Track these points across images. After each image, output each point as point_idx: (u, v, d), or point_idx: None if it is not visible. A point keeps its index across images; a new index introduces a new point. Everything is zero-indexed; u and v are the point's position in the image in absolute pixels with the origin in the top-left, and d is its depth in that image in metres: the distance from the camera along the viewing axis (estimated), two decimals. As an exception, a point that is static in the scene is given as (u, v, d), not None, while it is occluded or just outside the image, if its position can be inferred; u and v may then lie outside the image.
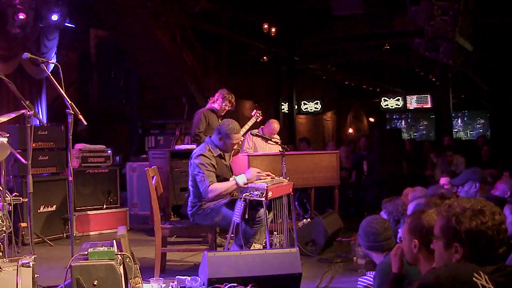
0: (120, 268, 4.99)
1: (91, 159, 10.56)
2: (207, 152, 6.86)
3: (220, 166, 6.96)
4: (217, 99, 9.33)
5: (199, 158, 6.76)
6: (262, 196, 6.21)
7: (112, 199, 10.66)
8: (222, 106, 9.30)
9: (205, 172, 6.65)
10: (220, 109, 9.33)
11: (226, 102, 9.27)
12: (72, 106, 6.08)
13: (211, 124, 9.09)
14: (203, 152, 6.85)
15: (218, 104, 9.32)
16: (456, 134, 28.46)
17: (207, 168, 6.69)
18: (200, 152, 6.85)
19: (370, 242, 4.87)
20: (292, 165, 8.92)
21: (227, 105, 9.31)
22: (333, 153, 10.33)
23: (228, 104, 9.32)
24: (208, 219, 6.83)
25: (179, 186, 10.50)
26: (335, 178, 10.01)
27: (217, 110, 9.35)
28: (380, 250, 4.85)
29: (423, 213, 3.60)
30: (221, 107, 9.31)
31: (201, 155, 6.80)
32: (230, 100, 9.31)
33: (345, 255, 8.02)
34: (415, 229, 3.56)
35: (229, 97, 9.30)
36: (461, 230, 2.82)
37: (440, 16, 10.96)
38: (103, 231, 10.31)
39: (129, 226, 10.54)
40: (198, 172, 6.70)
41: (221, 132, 6.97)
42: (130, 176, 11.93)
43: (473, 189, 6.54)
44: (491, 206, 2.90)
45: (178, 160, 10.39)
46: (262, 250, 5.86)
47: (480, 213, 2.83)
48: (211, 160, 6.78)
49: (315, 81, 27.90)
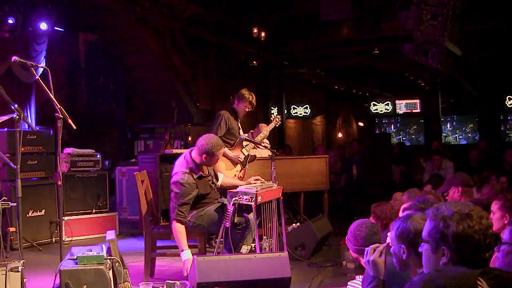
0: (109, 272, 5.00)
1: (80, 163, 10.55)
2: (187, 175, 6.75)
3: (202, 186, 6.89)
4: (237, 100, 8.87)
5: (178, 175, 6.74)
6: (251, 201, 6.22)
7: (101, 204, 10.65)
8: (242, 108, 8.84)
9: (177, 204, 6.64)
10: (240, 110, 8.89)
11: (247, 104, 8.79)
12: (61, 110, 6.08)
13: (230, 129, 8.73)
14: (184, 172, 6.77)
15: (237, 105, 8.85)
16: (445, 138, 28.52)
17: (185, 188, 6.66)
18: (180, 170, 6.80)
19: (359, 246, 4.88)
20: (281, 169, 8.94)
21: (247, 107, 8.84)
22: (322, 158, 10.36)
23: (248, 106, 8.84)
24: (197, 223, 6.82)
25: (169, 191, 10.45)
26: (325, 182, 10.05)
27: (237, 110, 8.90)
28: (369, 254, 4.87)
29: (410, 218, 3.61)
30: (241, 109, 8.86)
31: (181, 172, 6.76)
32: (250, 100, 8.80)
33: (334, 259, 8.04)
34: (402, 235, 3.57)
35: (249, 97, 8.78)
36: (449, 234, 2.83)
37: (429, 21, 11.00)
38: (92, 235, 10.29)
39: (118, 231, 10.51)
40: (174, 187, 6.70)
41: (203, 151, 6.83)
42: (120, 180, 11.92)
43: (456, 193, 6.58)
44: (479, 210, 2.91)
45: (168, 165, 10.40)
46: (251, 255, 5.87)
47: (467, 217, 2.84)
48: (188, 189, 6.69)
49: (305, 86, 27.91)
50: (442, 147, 16.07)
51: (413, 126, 30.92)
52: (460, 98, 27.23)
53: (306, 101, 27.50)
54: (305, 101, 27.47)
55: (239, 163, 8.65)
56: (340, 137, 31.52)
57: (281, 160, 9.58)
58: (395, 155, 15.49)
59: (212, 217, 6.78)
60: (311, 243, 8.37)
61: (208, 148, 6.80)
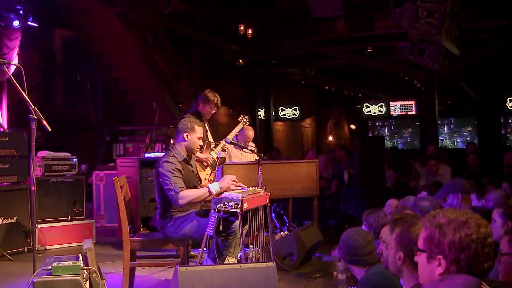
0: (86, 283, 4.98)
1: (55, 167, 10.52)
2: (171, 158, 6.85)
3: (187, 172, 6.96)
4: (200, 101, 9.04)
5: (164, 165, 6.74)
6: (237, 207, 6.20)
7: (77, 210, 10.62)
8: (207, 110, 9.01)
9: (172, 178, 6.63)
10: (205, 112, 9.04)
11: (212, 106, 8.98)
12: (35, 110, 6.07)
13: None
14: (167, 158, 6.84)
15: (202, 108, 9.02)
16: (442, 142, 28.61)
17: (174, 174, 6.67)
18: (164, 159, 6.83)
19: (351, 256, 4.89)
20: (268, 174, 8.94)
21: (213, 109, 9.03)
22: (312, 162, 10.34)
23: (214, 108, 9.04)
24: (179, 231, 6.81)
25: (149, 197, 10.50)
26: (314, 188, 10.04)
27: (202, 113, 9.05)
28: (362, 265, 4.89)
29: (413, 225, 3.63)
30: (206, 111, 9.03)
31: (165, 161, 6.77)
32: (216, 102, 9.00)
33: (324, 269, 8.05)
34: (402, 242, 3.59)
35: (214, 99, 8.97)
36: (444, 242, 2.83)
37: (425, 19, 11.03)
38: (68, 244, 10.27)
39: (95, 239, 10.49)
40: (165, 179, 6.67)
41: (183, 129, 7.01)
42: (97, 185, 11.89)
43: (455, 201, 6.60)
44: (477, 218, 2.91)
45: (148, 169, 10.39)
46: (236, 265, 5.87)
47: (464, 225, 2.84)
48: (176, 165, 6.76)
49: (293, 86, 27.96)
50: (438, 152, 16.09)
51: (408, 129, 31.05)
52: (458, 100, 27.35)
53: (295, 102, 27.55)
54: (294, 102, 27.53)
55: (209, 165, 8.70)
56: (331, 140, 31.60)
57: (268, 164, 9.57)
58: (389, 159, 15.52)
59: (195, 223, 6.77)
60: (300, 253, 8.37)
61: (187, 123, 7.03)
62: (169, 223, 6.83)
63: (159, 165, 6.83)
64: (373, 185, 12.84)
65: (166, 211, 6.86)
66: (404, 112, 26.52)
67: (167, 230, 6.82)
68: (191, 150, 7.11)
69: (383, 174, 13.66)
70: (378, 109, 27.13)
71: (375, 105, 27.16)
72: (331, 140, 31.72)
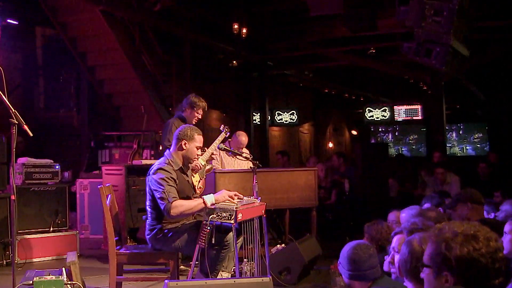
0: (69, 299, 4.98)
1: (36, 175, 10.50)
2: (166, 166, 6.85)
3: (182, 181, 6.96)
4: (186, 107, 9.14)
5: (159, 173, 6.74)
6: (230, 219, 6.22)
7: (60, 221, 10.60)
8: (194, 115, 9.09)
9: (165, 187, 6.62)
10: (191, 118, 9.11)
11: (200, 111, 9.09)
12: (15, 114, 6.07)
13: None
14: (162, 166, 6.84)
15: (187, 112, 9.12)
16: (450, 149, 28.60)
17: (168, 183, 6.66)
18: (158, 166, 6.84)
19: (353, 271, 4.90)
20: (264, 183, 8.97)
21: (200, 114, 9.14)
22: (310, 170, 10.37)
23: (201, 113, 9.14)
24: (169, 244, 6.81)
25: (137, 207, 10.51)
26: (313, 198, 10.07)
27: (187, 118, 9.12)
28: (364, 280, 4.89)
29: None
30: (192, 116, 9.10)
31: (160, 169, 6.78)
32: (203, 107, 9.13)
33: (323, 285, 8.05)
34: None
35: (199, 103, 9.09)
36: (452, 257, 2.82)
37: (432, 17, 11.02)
38: (50, 257, 10.25)
39: (79, 252, 10.47)
40: (158, 187, 6.65)
41: (181, 137, 7.01)
42: (81, 194, 11.90)
43: (464, 211, 6.61)
44: (486, 231, 2.89)
45: (136, 177, 10.40)
46: (230, 280, 5.87)
47: (473, 239, 2.82)
48: (171, 174, 6.76)
49: (291, 89, 27.98)
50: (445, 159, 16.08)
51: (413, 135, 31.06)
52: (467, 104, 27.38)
53: (292, 106, 27.54)
54: (291, 106, 27.52)
55: (198, 172, 8.70)
56: (330, 147, 31.62)
57: (264, 173, 9.58)
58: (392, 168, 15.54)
59: (186, 236, 6.77)
60: (297, 267, 8.38)
61: (186, 131, 7.04)
62: (159, 234, 6.83)
63: (153, 172, 6.83)
64: (375, 194, 12.86)
65: (157, 221, 6.85)
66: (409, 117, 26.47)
67: (157, 242, 6.83)
68: (188, 159, 7.11)
69: (386, 183, 13.67)
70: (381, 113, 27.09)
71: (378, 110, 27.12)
72: (331, 147, 31.74)
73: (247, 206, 6.58)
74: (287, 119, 27.02)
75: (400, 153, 29.31)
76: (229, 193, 6.76)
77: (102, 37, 14.63)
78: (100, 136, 15.20)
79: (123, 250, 7.00)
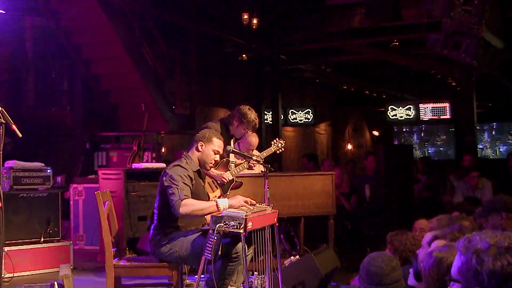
0: (62, 316, 5.00)
1: (26, 180, 10.51)
2: (184, 163, 6.93)
3: (197, 184, 7.01)
4: (237, 121, 8.82)
5: (175, 168, 6.83)
6: (240, 228, 6.21)
7: (51, 230, 10.61)
8: (240, 131, 8.89)
9: (180, 183, 6.66)
10: (238, 133, 8.93)
11: (250, 128, 8.89)
12: (2, 113, 6.09)
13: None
14: (180, 163, 6.93)
15: (234, 124, 8.85)
16: (481, 151, 28.56)
17: (183, 180, 6.72)
18: (176, 163, 6.94)
19: (374, 285, 4.90)
20: (277, 189, 8.96)
21: (248, 130, 8.96)
22: (327, 175, 10.34)
23: (250, 130, 8.99)
24: (173, 253, 6.81)
25: (137, 215, 10.51)
26: (330, 205, 10.05)
27: (232, 131, 8.91)
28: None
29: None
30: (239, 132, 8.91)
31: (177, 165, 6.88)
32: (252, 123, 8.83)
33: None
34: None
35: (254, 121, 8.82)
36: (483, 272, 2.80)
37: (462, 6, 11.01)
38: (41, 270, 10.26)
39: (73, 264, 10.48)
40: (172, 183, 6.69)
41: (199, 138, 7.13)
42: (75, 201, 11.92)
43: (498, 221, 6.58)
44: (523, 243, 2.88)
45: (136, 182, 10.42)
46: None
47: (507, 251, 2.78)
48: (188, 172, 6.82)
49: (306, 86, 28.01)
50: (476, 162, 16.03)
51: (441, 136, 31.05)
52: (500, 102, 27.32)
53: (308, 104, 27.59)
54: (306, 104, 27.56)
55: (220, 187, 8.64)
56: (349, 149, 31.61)
57: (276, 177, 9.58)
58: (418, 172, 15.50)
59: (191, 245, 6.77)
60: (313, 281, 8.38)
61: (205, 133, 7.19)
62: (163, 240, 6.83)
63: (169, 168, 6.93)
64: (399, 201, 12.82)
65: (163, 224, 6.87)
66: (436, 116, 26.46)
67: (159, 251, 6.82)
68: (204, 163, 7.15)
69: (411, 189, 13.63)
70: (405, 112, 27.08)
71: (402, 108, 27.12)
72: (350, 148, 31.72)
73: (258, 214, 6.57)
74: (301, 118, 27.04)
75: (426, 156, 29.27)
76: (245, 199, 6.79)
77: (99, 27, 14.64)
78: (96, 137, 15.22)
79: (122, 262, 7.02)
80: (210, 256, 6.26)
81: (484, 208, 7.03)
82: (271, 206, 7.06)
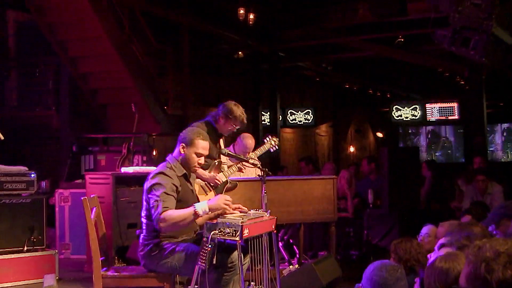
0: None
1: (8, 185, 10.47)
2: (168, 170, 6.87)
3: (185, 189, 6.96)
4: (223, 118, 8.82)
5: (157, 177, 6.75)
6: (235, 235, 6.20)
7: (35, 239, 10.58)
8: (227, 128, 8.86)
9: (161, 195, 6.59)
10: (224, 129, 8.90)
11: (237, 124, 8.85)
12: (-16, 114, 6.11)
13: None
14: (163, 169, 6.86)
15: (223, 124, 8.84)
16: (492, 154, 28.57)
17: (165, 190, 6.64)
18: (159, 170, 6.86)
19: (377, 296, 4.91)
20: (275, 194, 8.96)
21: (236, 127, 8.92)
22: (328, 179, 10.34)
23: (238, 126, 8.92)
24: (164, 263, 6.80)
25: (126, 222, 10.49)
26: (331, 211, 10.05)
27: (219, 128, 8.91)
28: (390, 307, 4.90)
29: None
30: (225, 129, 8.88)
31: (160, 173, 6.80)
32: (241, 120, 8.84)
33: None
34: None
35: (241, 116, 8.82)
36: (493, 281, 2.80)
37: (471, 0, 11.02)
38: (24, 281, 10.24)
39: (58, 275, 10.47)
40: (153, 194, 6.65)
41: (180, 140, 7.07)
42: (61, 208, 11.91)
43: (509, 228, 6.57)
44: (533, 251, 2.88)
45: (125, 187, 10.40)
46: (235, 307, 5.88)
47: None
48: (172, 180, 6.76)
49: (306, 84, 28.03)
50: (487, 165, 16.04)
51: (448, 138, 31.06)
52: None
53: (308, 104, 27.60)
54: (306, 104, 27.58)
55: (214, 189, 8.64)
56: (352, 151, 31.61)
57: (274, 181, 9.58)
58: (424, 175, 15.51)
59: (184, 254, 6.76)
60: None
61: (187, 134, 7.10)
62: (154, 251, 6.79)
63: (151, 176, 6.85)
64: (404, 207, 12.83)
65: (153, 235, 6.84)
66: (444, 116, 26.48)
67: (151, 260, 6.80)
68: (187, 166, 7.12)
69: (417, 194, 13.63)
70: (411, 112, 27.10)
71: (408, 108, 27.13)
72: (352, 151, 31.73)
73: (255, 220, 6.56)
74: (301, 119, 27.04)
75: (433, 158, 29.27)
76: (226, 197, 6.76)
77: (86, 23, 14.62)
78: (83, 139, 15.22)
79: (110, 273, 7.01)
80: (204, 265, 6.25)
81: (494, 214, 7.02)
82: (269, 212, 7.06)
